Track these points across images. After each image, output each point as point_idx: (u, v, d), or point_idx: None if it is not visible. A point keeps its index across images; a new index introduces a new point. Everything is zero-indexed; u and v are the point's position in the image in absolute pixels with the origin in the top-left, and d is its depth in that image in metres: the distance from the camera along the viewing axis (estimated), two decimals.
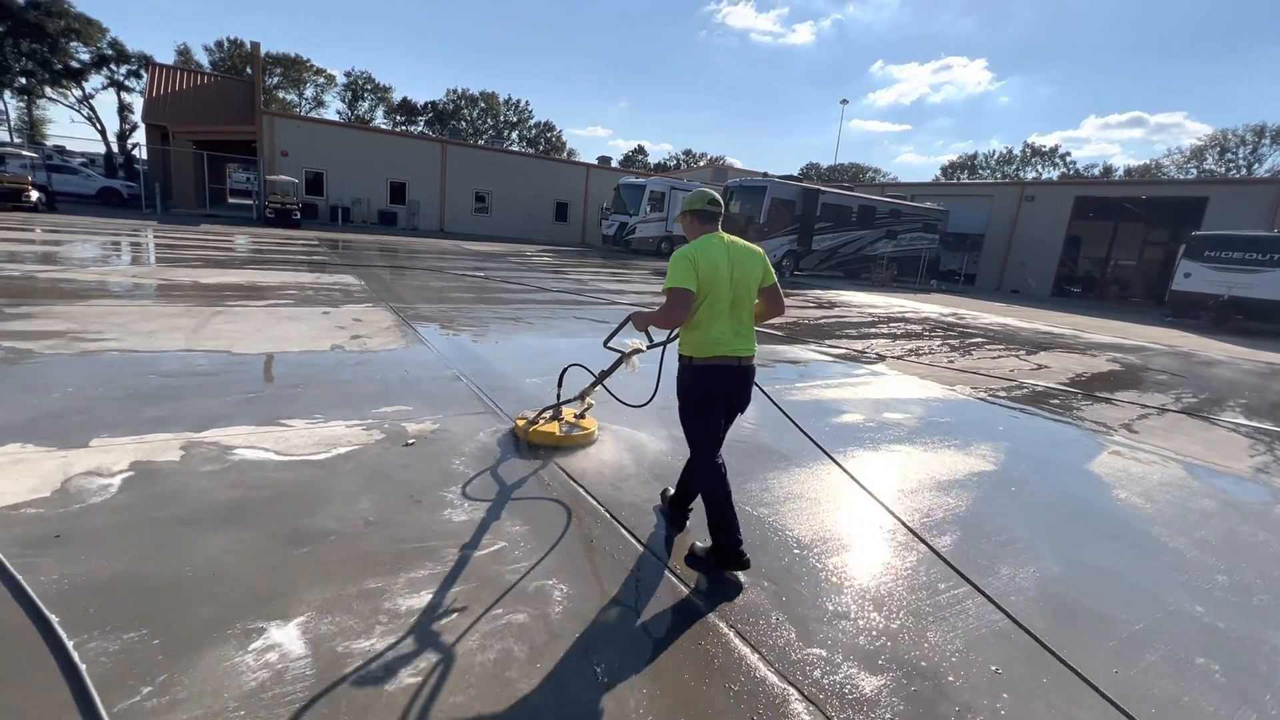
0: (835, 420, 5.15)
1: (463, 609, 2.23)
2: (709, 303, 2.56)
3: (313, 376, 4.75)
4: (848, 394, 6.00)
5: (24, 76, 45.64)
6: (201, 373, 4.57)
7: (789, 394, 5.71)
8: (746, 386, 2.71)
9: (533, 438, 3.81)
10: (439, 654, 2.00)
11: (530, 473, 3.45)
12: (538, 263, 17.93)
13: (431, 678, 1.89)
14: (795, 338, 9.01)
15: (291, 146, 25.08)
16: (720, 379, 2.62)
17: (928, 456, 4.47)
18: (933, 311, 15.13)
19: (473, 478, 3.30)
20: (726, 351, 2.60)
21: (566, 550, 2.72)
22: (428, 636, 2.07)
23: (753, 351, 2.70)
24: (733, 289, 2.58)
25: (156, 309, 6.54)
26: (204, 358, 4.96)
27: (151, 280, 8.35)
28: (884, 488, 3.73)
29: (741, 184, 22.90)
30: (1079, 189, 26.77)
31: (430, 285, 10.62)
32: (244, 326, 6.11)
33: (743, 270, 2.62)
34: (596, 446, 3.93)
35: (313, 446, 3.44)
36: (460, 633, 2.11)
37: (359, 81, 62.63)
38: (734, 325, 2.61)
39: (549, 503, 3.15)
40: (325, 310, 7.37)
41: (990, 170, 71.25)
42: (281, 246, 14.85)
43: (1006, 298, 23.28)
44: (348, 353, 5.59)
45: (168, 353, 5.01)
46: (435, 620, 2.16)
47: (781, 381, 6.18)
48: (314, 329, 6.33)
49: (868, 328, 11.07)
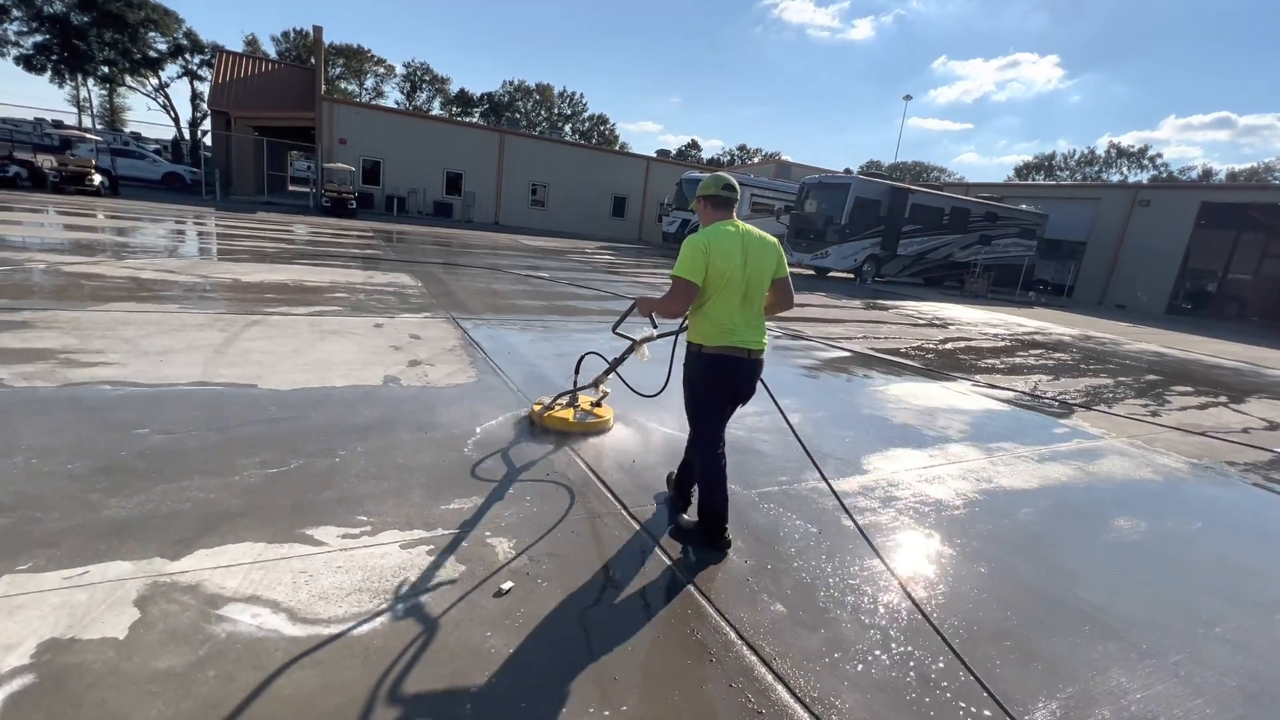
0: (1101, 540, 3.52)
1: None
2: (721, 293, 2.51)
3: (359, 430, 3.43)
4: (1076, 478, 4.34)
5: (106, 65, 47.31)
6: (211, 424, 3.31)
7: (992, 475, 4.11)
8: (753, 379, 2.67)
9: (547, 422, 3.82)
10: (424, 625, 1.93)
11: (541, 456, 3.44)
12: (600, 262, 16.57)
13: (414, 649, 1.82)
14: (938, 371, 7.32)
15: (350, 134, 24.46)
16: (728, 369, 2.58)
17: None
18: (1061, 332, 13.05)
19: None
20: (737, 342, 2.54)
21: (569, 531, 2.71)
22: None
23: (763, 345, 2.64)
24: (746, 280, 2.53)
25: (180, 317, 5.39)
26: (219, 396, 3.71)
27: (187, 276, 7.30)
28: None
29: (821, 180, 21.01)
30: (1205, 194, 23.67)
31: (492, 289, 9.36)
32: (279, 345, 4.88)
33: (757, 261, 2.56)
34: (611, 434, 3.90)
35: (350, 601, 2.07)
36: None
37: (417, 72, 62.85)
38: (745, 316, 2.57)
39: (557, 486, 3.12)
40: (377, 322, 6.12)
41: (1069, 172, 66.54)
42: (335, 238, 13.92)
43: (1115, 314, 20.70)
44: (405, 388, 4.28)
45: (175, 387, 3.78)
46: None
47: (967, 443, 4.56)
48: (363, 350, 5.07)
49: (1006, 355, 9.24)
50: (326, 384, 4.15)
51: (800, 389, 5.78)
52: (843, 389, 6.02)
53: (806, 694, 1.92)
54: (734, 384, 2.60)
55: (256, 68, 28.52)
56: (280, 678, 1.72)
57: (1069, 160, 68.21)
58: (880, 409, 5.35)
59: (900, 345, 8.77)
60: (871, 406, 5.42)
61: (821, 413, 5.02)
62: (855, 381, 6.37)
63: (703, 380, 2.61)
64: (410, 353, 5.17)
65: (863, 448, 4.26)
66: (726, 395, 2.64)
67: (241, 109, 24.55)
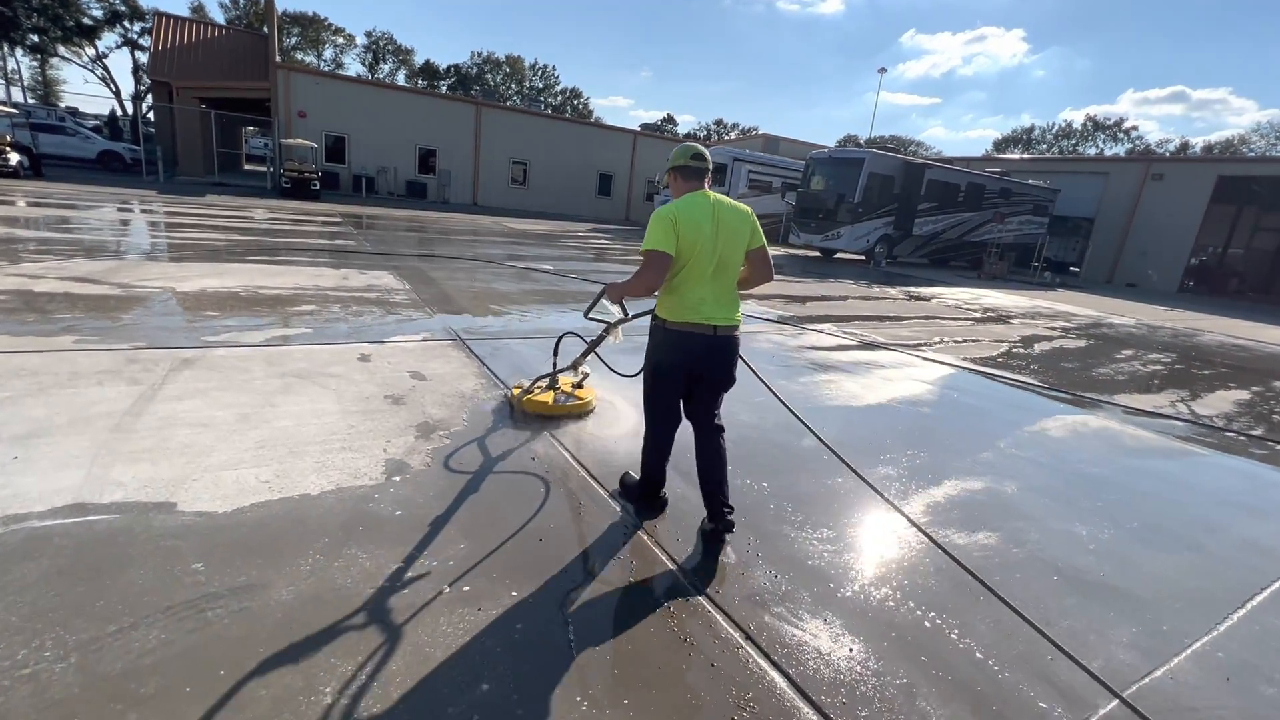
0: None
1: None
2: (690, 266, 2.38)
3: (365, 620, 1.91)
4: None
5: (34, 34, 43.09)
6: (71, 628, 1.73)
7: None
8: (724, 357, 2.49)
9: (527, 407, 3.66)
10: (402, 619, 1.86)
11: (520, 444, 3.23)
12: (601, 248, 14.90)
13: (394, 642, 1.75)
14: (1073, 394, 6.00)
15: (310, 106, 22.05)
16: (689, 346, 2.44)
17: None
18: (1120, 322, 11.92)
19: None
20: (701, 319, 2.41)
21: (550, 516, 2.62)
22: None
23: (735, 321, 2.49)
24: (717, 253, 2.39)
25: (74, 360, 3.71)
26: (103, 539, 2.11)
27: (102, 287, 5.54)
28: None
29: (831, 155, 19.56)
30: (1222, 166, 22.78)
31: (495, 289, 7.73)
32: (220, 409, 3.26)
33: (728, 233, 2.42)
34: (593, 417, 3.74)
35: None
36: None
37: (380, 43, 59.16)
38: (715, 291, 2.43)
39: (536, 470, 2.98)
40: (363, 352, 4.50)
41: (1048, 145, 66.25)
42: (298, 225, 12.01)
43: (1129, 293, 19.86)
44: (423, 487, 2.73)
45: (24, 524, 2.17)
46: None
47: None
48: (346, 407, 3.47)
49: (1105, 359, 7.98)
50: (294, 490, 2.57)
51: (973, 442, 4.36)
52: (1030, 446, 4.62)
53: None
54: (694, 361, 2.47)
55: (202, 33, 25.63)
56: None
57: (1047, 133, 67.92)
58: (1122, 487, 3.97)
59: (991, 352, 7.42)
60: (1114, 489, 4.04)
61: (1059, 507, 3.62)
62: (1017, 424, 4.99)
63: (663, 355, 2.50)
64: (416, 407, 3.59)
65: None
66: (682, 373, 2.51)
67: (185, 78, 21.92)
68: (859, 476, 3.17)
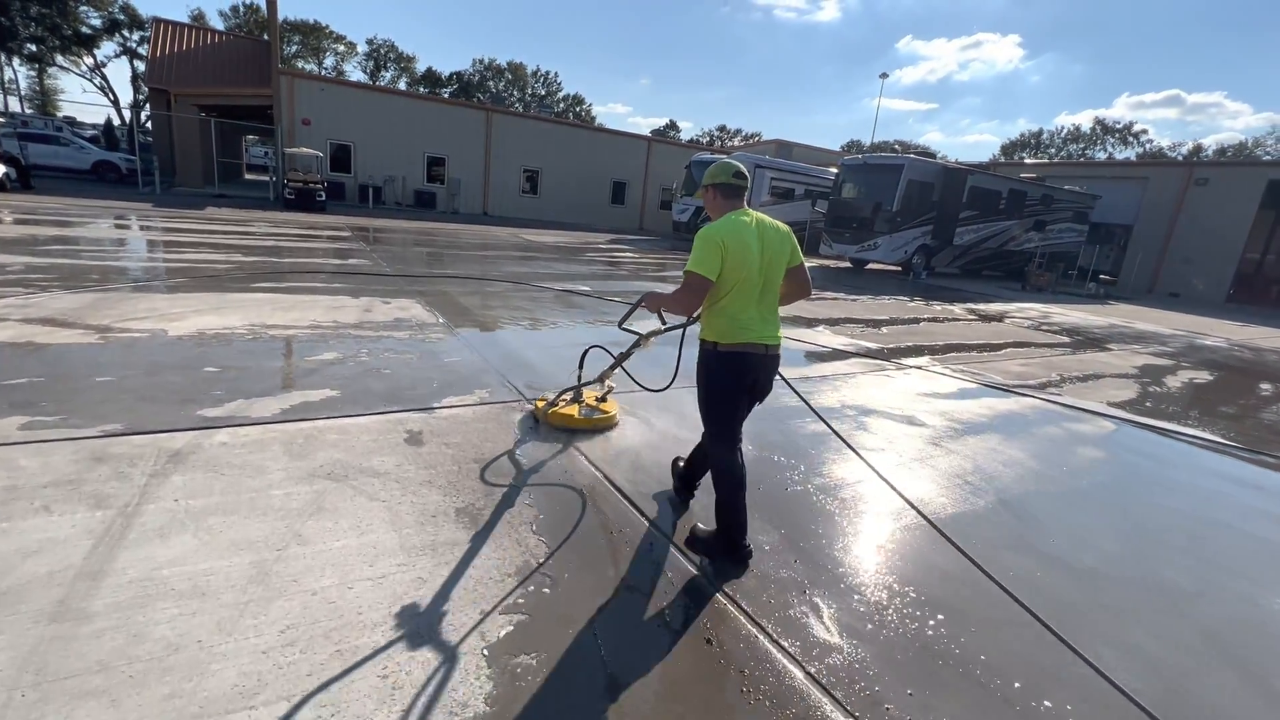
0: None
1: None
2: (739, 288, 2.35)
3: None
4: None
5: (32, 43, 42.25)
6: None
7: None
8: (770, 375, 2.50)
9: (552, 420, 3.54)
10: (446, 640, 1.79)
11: (549, 456, 3.17)
12: (632, 263, 13.84)
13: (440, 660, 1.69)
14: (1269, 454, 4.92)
15: (314, 114, 21.05)
16: (747, 366, 2.41)
17: None
18: (1213, 343, 10.85)
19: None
20: (754, 338, 2.39)
21: (581, 533, 2.54)
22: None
23: (779, 340, 2.47)
24: (763, 273, 2.38)
25: (19, 457, 2.63)
26: None
27: (74, 330, 4.45)
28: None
29: (866, 162, 18.52)
30: (1274, 170, 21.77)
31: (543, 319, 6.65)
32: (220, 562, 2.15)
33: (772, 253, 2.40)
34: (617, 430, 3.62)
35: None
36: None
37: (381, 50, 58.38)
38: (761, 311, 2.42)
39: (565, 487, 2.88)
40: (410, 430, 3.40)
41: (1056, 150, 65.50)
42: (304, 240, 10.94)
43: (1174, 304, 18.83)
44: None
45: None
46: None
47: None
48: (406, 540, 2.38)
49: (1239, 393, 6.90)
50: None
51: (1249, 556, 3.26)
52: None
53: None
54: (751, 382, 2.43)
55: (201, 39, 24.67)
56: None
57: (1054, 137, 67.24)
58: None
59: (1128, 393, 6.32)
60: None
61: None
62: (1266, 511, 3.90)
63: (719, 380, 2.44)
64: (508, 534, 2.50)
65: None
66: (743, 394, 2.45)
67: (184, 85, 20.94)
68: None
